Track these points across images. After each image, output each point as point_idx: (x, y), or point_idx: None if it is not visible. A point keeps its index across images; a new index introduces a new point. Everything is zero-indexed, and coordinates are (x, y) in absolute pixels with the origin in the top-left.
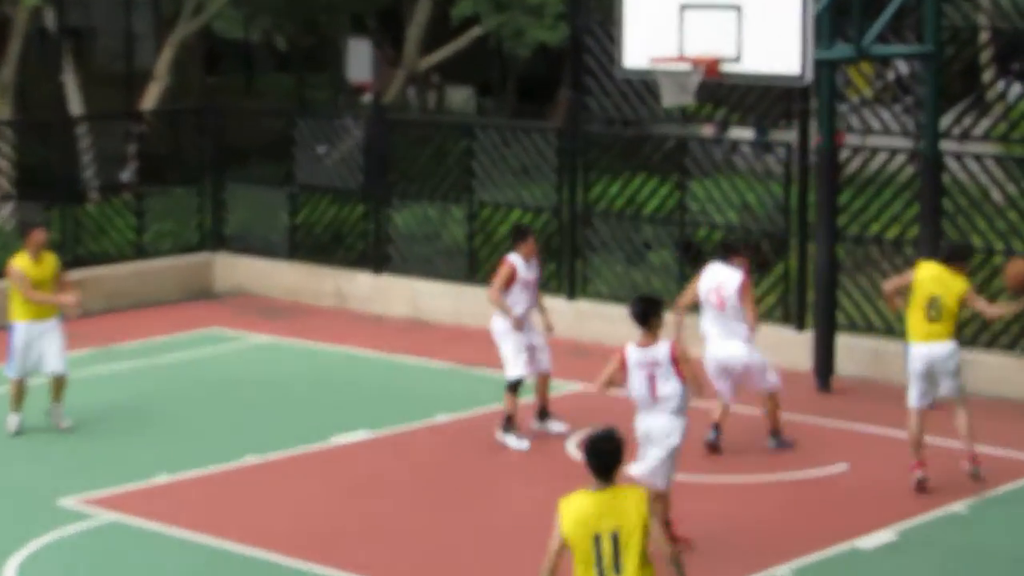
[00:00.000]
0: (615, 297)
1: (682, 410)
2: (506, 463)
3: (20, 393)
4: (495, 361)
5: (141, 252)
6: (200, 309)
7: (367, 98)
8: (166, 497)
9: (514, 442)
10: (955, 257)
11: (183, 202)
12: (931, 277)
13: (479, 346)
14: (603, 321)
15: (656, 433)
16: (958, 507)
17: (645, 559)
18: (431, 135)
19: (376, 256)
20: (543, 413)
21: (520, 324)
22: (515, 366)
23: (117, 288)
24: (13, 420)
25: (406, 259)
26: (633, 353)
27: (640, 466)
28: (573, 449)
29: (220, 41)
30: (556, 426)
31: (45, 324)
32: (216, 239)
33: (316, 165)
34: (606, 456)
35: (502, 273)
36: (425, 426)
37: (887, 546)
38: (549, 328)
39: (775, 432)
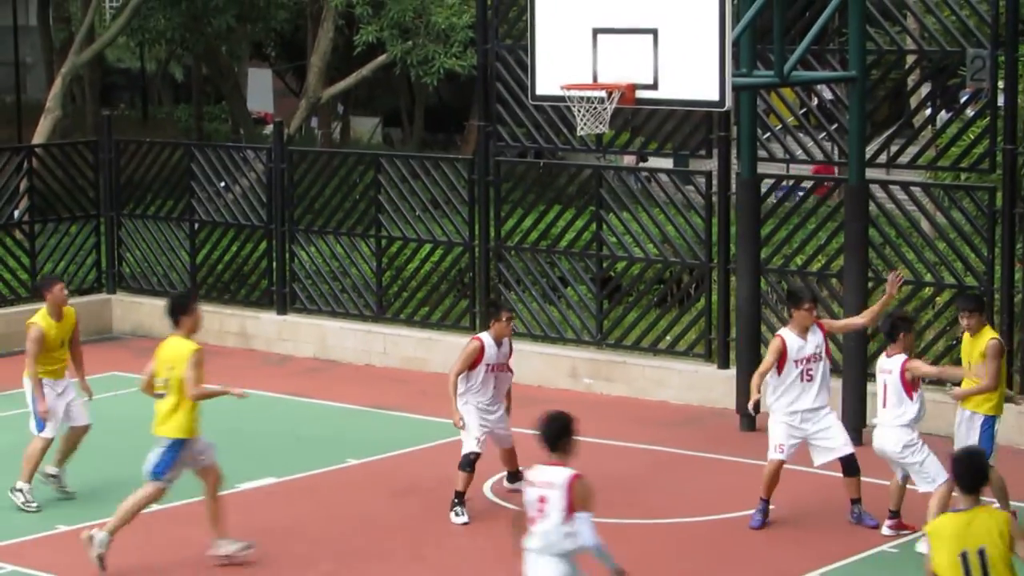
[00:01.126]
0: (530, 335)
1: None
2: (421, 508)
3: None
4: (406, 403)
5: (35, 293)
6: (98, 352)
7: (268, 129)
8: (66, 547)
9: (454, 517)
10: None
11: (78, 240)
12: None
13: (389, 387)
14: (518, 359)
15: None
16: (888, 547)
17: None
18: (336, 167)
19: (281, 294)
20: (515, 475)
21: (459, 424)
22: (469, 442)
23: (9, 331)
24: None
25: (312, 297)
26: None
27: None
28: (489, 492)
29: (115, 71)
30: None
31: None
32: (113, 278)
33: (217, 200)
34: (974, 473)
35: (465, 353)
36: (336, 471)
37: None
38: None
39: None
